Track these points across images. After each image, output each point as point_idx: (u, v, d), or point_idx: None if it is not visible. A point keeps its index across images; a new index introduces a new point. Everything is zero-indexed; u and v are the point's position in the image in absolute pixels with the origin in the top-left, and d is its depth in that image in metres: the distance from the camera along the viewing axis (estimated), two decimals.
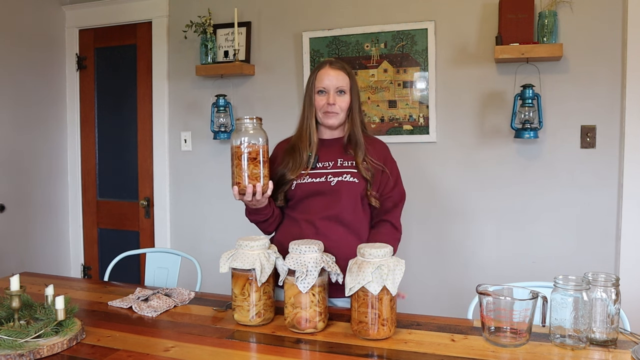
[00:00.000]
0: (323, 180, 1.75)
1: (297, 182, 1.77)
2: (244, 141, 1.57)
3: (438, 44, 2.69)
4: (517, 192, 2.61)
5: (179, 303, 1.74)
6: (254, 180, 1.58)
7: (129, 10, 3.33)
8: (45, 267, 3.34)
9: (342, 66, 1.82)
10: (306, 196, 1.76)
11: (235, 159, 1.59)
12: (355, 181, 1.74)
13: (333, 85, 1.76)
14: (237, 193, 1.60)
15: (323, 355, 1.32)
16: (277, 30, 3.00)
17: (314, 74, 1.80)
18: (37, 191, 3.35)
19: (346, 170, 1.76)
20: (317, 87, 1.78)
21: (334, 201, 1.74)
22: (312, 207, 1.75)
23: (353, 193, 1.74)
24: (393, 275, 1.38)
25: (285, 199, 1.81)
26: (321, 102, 1.78)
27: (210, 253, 2.59)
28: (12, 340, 1.29)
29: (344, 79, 1.78)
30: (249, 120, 1.60)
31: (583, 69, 2.48)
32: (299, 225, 1.76)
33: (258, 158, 1.59)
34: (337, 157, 1.80)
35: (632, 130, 2.39)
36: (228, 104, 3.05)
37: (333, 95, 1.76)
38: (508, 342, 1.34)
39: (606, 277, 1.36)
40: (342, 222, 1.74)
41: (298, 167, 1.77)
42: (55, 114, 3.47)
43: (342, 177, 1.75)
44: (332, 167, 1.78)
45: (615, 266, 2.47)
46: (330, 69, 1.78)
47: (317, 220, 1.74)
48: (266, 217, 1.76)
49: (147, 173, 3.38)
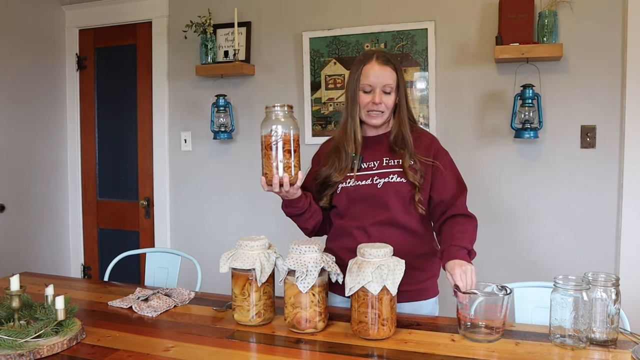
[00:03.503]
0: (369, 182, 1.66)
1: (342, 186, 1.68)
2: (274, 130, 1.48)
3: (438, 44, 2.69)
4: (517, 192, 2.61)
5: (179, 303, 1.74)
6: (282, 171, 1.49)
7: (129, 10, 3.33)
8: (45, 267, 3.34)
9: (389, 60, 1.66)
10: (353, 201, 1.67)
11: (264, 149, 1.50)
12: (403, 181, 1.64)
13: (380, 83, 1.63)
14: (265, 184, 1.51)
15: (323, 355, 1.32)
16: (277, 30, 3.00)
17: (359, 68, 1.66)
18: (37, 191, 3.35)
19: (393, 170, 1.66)
20: (363, 83, 1.64)
21: (383, 205, 1.64)
22: (361, 213, 1.66)
23: (401, 194, 1.64)
24: (393, 275, 1.38)
25: (330, 203, 1.72)
26: (366, 100, 1.65)
27: (210, 253, 2.59)
28: (12, 340, 1.29)
29: (391, 76, 1.64)
30: (279, 108, 1.51)
31: (583, 69, 2.48)
32: (351, 234, 1.67)
33: (287, 147, 1.49)
34: (382, 156, 1.69)
35: (632, 130, 2.40)
36: (228, 104, 3.05)
37: (379, 94, 1.63)
38: (482, 337, 1.37)
39: (606, 277, 1.36)
40: (395, 226, 1.65)
41: (344, 168, 1.67)
42: (55, 114, 3.47)
43: (388, 178, 1.65)
44: (377, 167, 1.68)
45: (615, 266, 2.47)
46: (376, 63, 1.64)
47: (369, 226, 1.65)
48: (301, 210, 1.66)
49: (147, 173, 3.38)
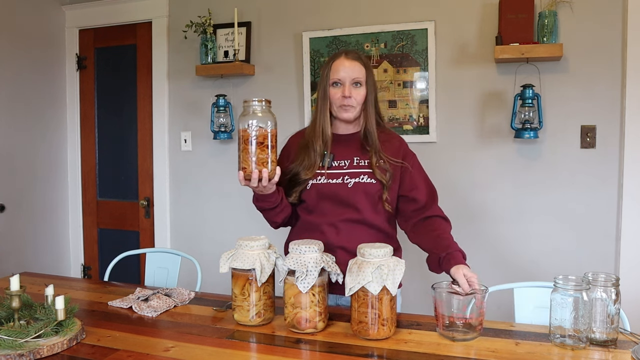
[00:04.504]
0: (340, 181, 1.69)
1: (313, 182, 1.70)
2: (252, 124, 1.48)
3: (438, 44, 2.69)
4: (517, 192, 2.61)
5: (179, 303, 1.74)
6: (260, 166, 1.50)
7: (128, 10, 3.33)
8: (45, 267, 3.33)
9: (358, 56, 1.72)
10: (322, 198, 1.69)
11: (242, 143, 1.50)
12: (372, 182, 1.68)
13: (349, 77, 1.67)
14: (243, 178, 1.52)
15: (323, 355, 1.32)
16: (277, 30, 3.00)
17: (329, 65, 1.70)
18: (37, 191, 3.35)
19: (363, 170, 1.69)
20: (332, 78, 1.68)
21: (352, 205, 1.67)
22: (330, 210, 1.69)
23: (371, 194, 1.68)
24: (393, 275, 1.38)
25: (299, 198, 1.73)
26: (336, 95, 1.68)
27: (210, 253, 2.59)
28: (12, 340, 1.29)
29: (360, 70, 1.68)
30: (257, 103, 1.51)
31: (583, 69, 2.48)
32: (320, 229, 1.69)
33: (265, 142, 1.49)
34: (353, 156, 1.72)
35: (632, 130, 2.40)
36: (228, 104, 3.05)
37: (349, 88, 1.66)
38: (460, 336, 1.39)
39: (606, 277, 1.36)
40: (364, 224, 1.68)
41: (313, 166, 1.70)
42: (55, 114, 3.47)
43: (359, 178, 1.68)
44: (348, 166, 1.71)
45: (615, 266, 2.47)
46: (345, 59, 1.68)
47: (339, 222, 1.68)
48: (273, 204, 1.67)
49: (147, 173, 3.38)
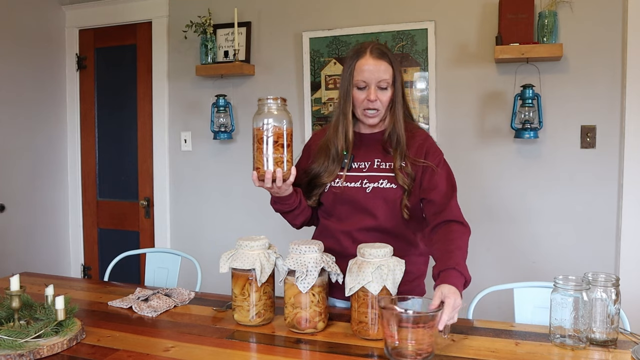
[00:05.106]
0: (358, 185, 1.59)
1: (330, 184, 1.62)
2: (266, 123, 1.43)
3: (438, 44, 2.69)
4: (517, 192, 2.61)
5: (179, 303, 1.74)
6: (274, 166, 1.44)
7: (129, 10, 3.33)
8: (45, 267, 3.33)
9: (384, 53, 1.55)
10: (339, 202, 1.61)
11: (256, 142, 1.45)
12: (392, 187, 1.57)
13: (375, 79, 1.52)
14: (257, 179, 1.46)
15: (323, 355, 1.32)
16: (277, 30, 3.00)
17: (352, 63, 1.55)
18: (37, 191, 3.35)
19: (383, 174, 1.59)
20: (356, 80, 1.54)
21: (370, 211, 1.58)
22: (347, 216, 1.61)
23: (390, 200, 1.57)
24: (393, 275, 1.37)
25: (318, 202, 1.66)
26: (360, 98, 1.55)
27: (210, 253, 2.59)
28: (12, 340, 1.29)
29: (386, 70, 1.53)
30: (272, 101, 1.46)
31: (583, 69, 2.48)
32: (337, 239, 1.62)
33: (280, 141, 1.44)
34: (374, 157, 1.61)
35: (632, 130, 2.40)
36: (228, 104, 3.05)
37: (374, 91, 1.53)
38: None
39: (606, 277, 1.35)
40: (381, 232, 1.58)
41: (335, 169, 1.61)
42: (55, 113, 3.47)
43: (378, 183, 1.58)
44: (368, 168, 1.61)
45: (615, 266, 2.47)
46: (371, 58, 1.52)
47: (355, 231, 1.60)
48: (291, 207, 1.60)
49: (147, 173, 3.38)
